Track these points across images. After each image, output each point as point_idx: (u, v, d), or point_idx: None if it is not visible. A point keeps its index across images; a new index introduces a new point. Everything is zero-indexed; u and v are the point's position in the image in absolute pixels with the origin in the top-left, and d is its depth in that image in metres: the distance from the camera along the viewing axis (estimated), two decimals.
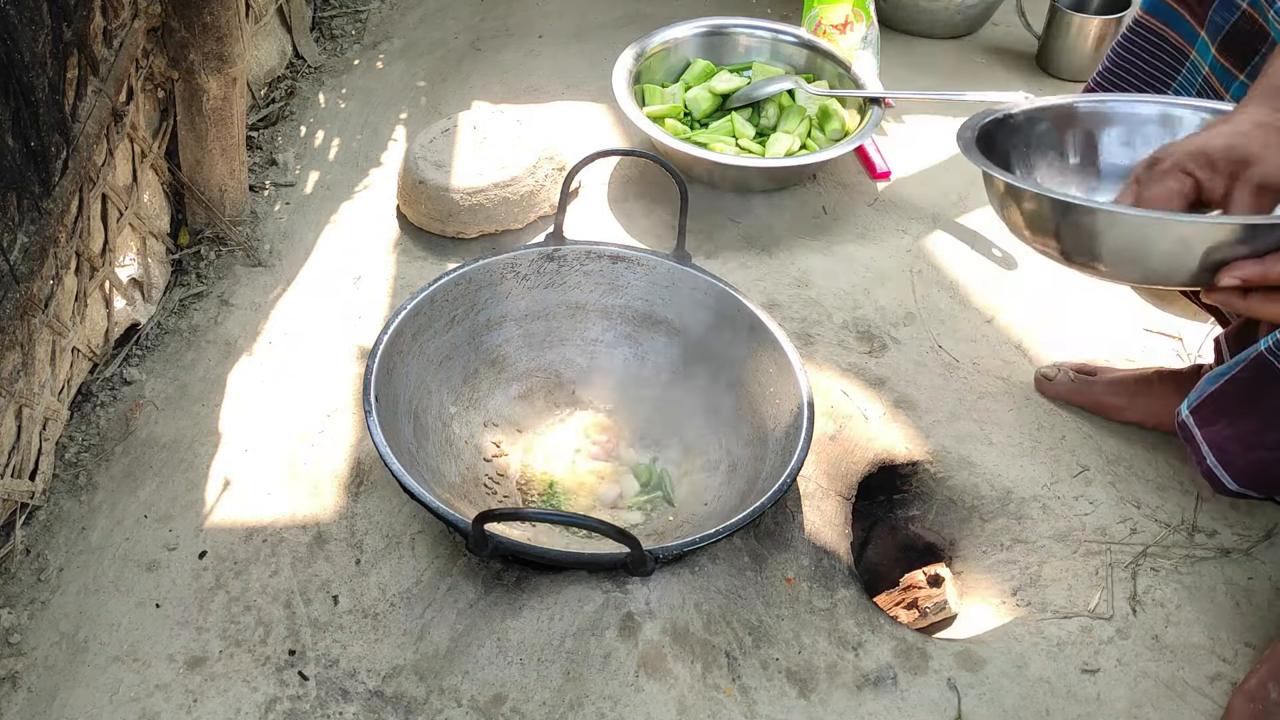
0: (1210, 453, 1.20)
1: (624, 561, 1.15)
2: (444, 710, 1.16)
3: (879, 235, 1.84)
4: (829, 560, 1.32)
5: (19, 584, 1.28)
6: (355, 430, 1.45)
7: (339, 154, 1.99)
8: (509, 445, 1.45)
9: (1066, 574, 1.33)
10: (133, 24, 1.44)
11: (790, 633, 1.24)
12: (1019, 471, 1.44)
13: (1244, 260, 0.86)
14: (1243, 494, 1.22)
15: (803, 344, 1.59)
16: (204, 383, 1.53)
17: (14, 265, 1.18)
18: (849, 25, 2.04)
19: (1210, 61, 1.17)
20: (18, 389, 1.24)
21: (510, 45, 2.30)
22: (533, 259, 1.48)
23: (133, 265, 1.55)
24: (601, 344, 1.53)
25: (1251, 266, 0.85)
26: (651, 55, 2.00)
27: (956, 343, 1.64)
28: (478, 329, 1.47)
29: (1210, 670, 1.24)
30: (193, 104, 1.62)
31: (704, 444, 1.44)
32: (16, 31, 1.11)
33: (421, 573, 1.27)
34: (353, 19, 2.37)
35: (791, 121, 1.91)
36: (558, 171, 1.81)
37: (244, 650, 1.21)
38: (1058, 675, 1.23)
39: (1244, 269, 0.85)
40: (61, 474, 1.40)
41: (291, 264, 1.73)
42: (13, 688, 1.18)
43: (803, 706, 1.18)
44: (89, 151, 1.33)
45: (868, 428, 1.47)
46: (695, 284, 1.48)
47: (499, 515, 1.09)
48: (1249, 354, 1.15)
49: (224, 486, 1.39)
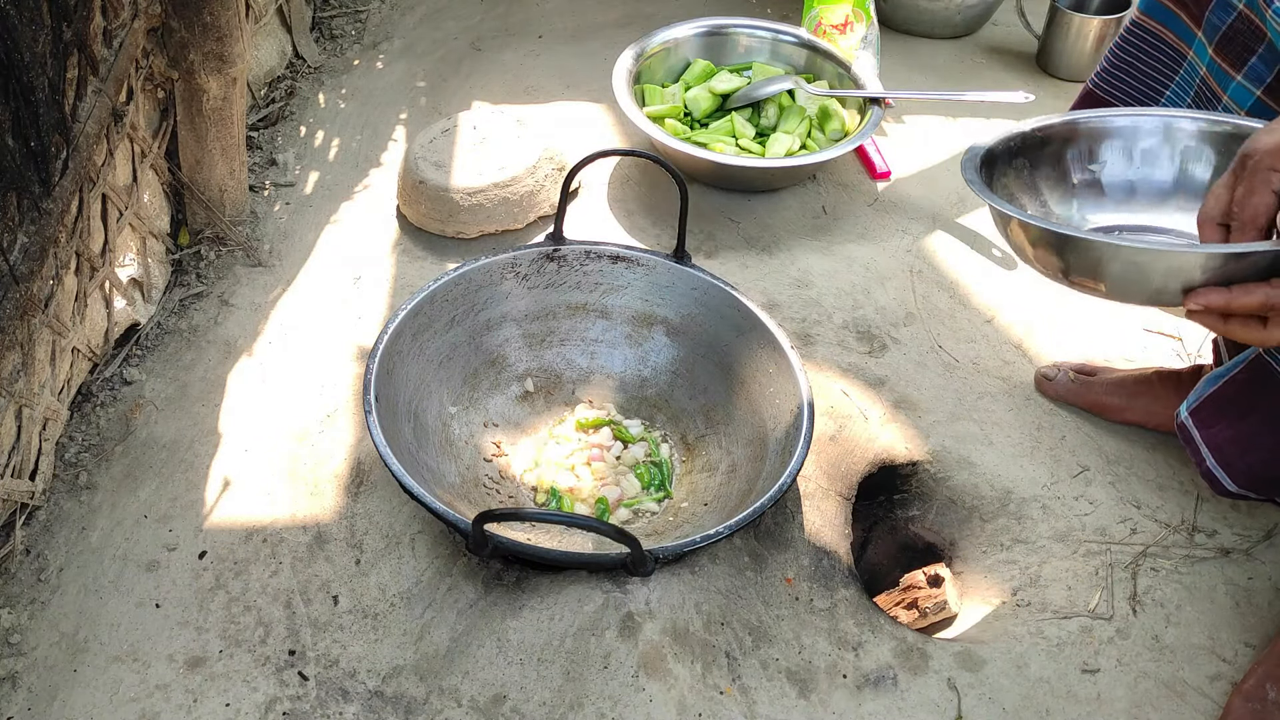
0: (1210, 454, 1.20)
1: (624, 561, 1.15)
2: (444, 710, 1.16)
3: (879, 235, 1.84)
4: (829, 560, 1.32)
5: (19, 584, 1.28)
6: (355, 430, 1.45)
7: (339, 154, 1.99)
8: (509, 445, 1.45)
9: (1066, 574, 1.33)
10: (133, 24, 1.44)
11: (790, 633, 1.24)
12: (1019, 471, 1.44)
13: (1208, 289, 0.87)
14: (1243, 495, 1.22)
15: (803, 344, 1.59)
16: (204, 383, 1.53)
17: (14, 265, 1.18)
18: (849, 25, 2.04)
19: (1207, 62, 1.17)
20: (18, 389, 1.24)
21: (510, 45, 2.30)
22: (533, 259, 1.48)
23: (133, 265, 1.55)
24: (601, 344, 1.53)
25: (1215, 295, 0.87)
26: (651, 55, 2.00)
27: (956, 343, 1.64)
28: (478, 329, 1.47)
29: (1210, 670, 1.24)
30: (193, 104, 1.62)
31: (704, 444, 1.44)
32: (16, 31, 1.11)
33: (421, 573, 1.27)
34: (353, 19, 2.37)
35: (791, 121, 1.91)
36: (558, 171, 1.81)
37: (244, 650, 1.21)
38: (1058, 675, 1.23)
39: (1206, 297, 0.87)
40: (61, 474, 1.40)
41: (291, 264, 1.73)
42: (13, 688, 1.18)
43: (803, 707, 1.18)
44: (89, 151, 1.33)
45: (868, 428, 1.47)
46: (695, 284, 1.48)
47: (499, 515, 1.09)
48: (1247, 356, 1.15)
49: (224, 486, 1.39)
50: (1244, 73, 1.11)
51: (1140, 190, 1.15)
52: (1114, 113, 1.17)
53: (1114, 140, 1.16)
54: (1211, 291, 0.87)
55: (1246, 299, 0.86)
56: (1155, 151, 1.15)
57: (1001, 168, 1.15)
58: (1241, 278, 0.87)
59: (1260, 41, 1.09)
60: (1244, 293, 0.86)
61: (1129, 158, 1.16)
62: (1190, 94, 1.23)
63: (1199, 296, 0.88)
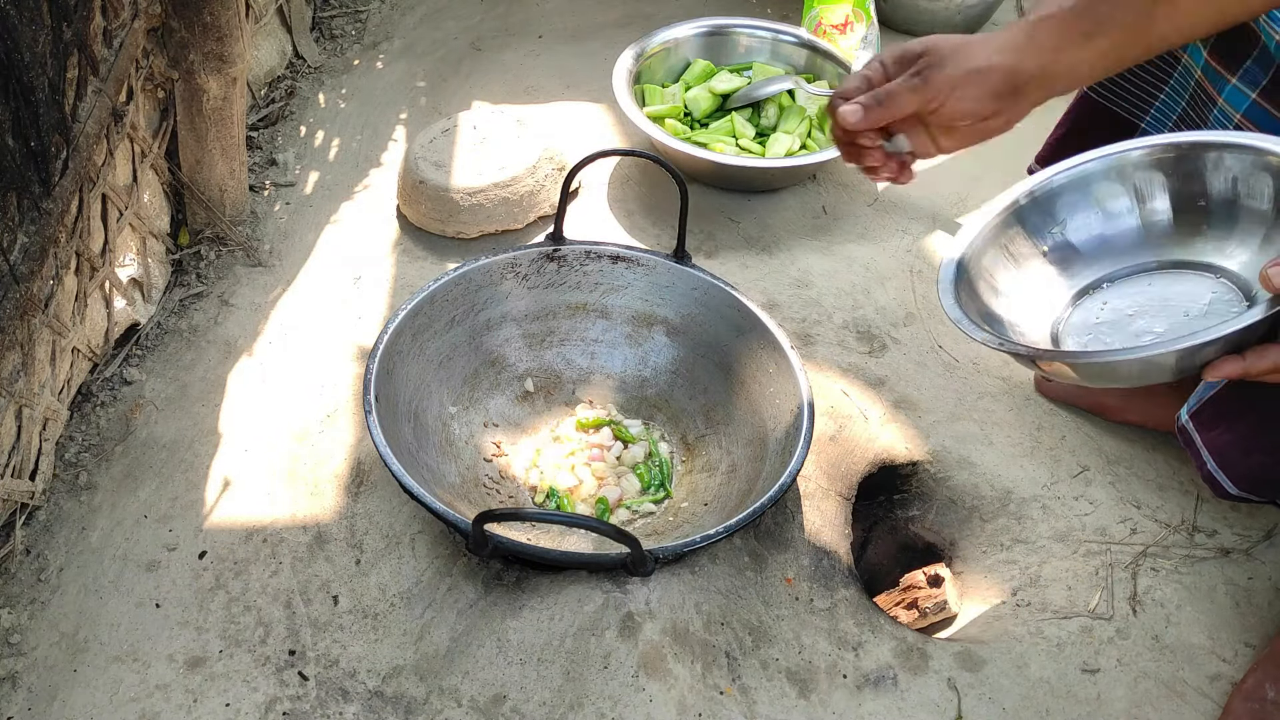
0: (1210, 457, 1.20)
1: (624, 561, 1.15)
2: (444, 710, 1.16)
3: (879, 235, 1.84)
4: (829, 560, 1.32)
5: (19, 584, 1.28)
6: (355, 430, 1.45)
7: (339, 154, 1.99)
8: (509, 445, 1.45)
9: (1066, 574, 1.33)
10: (133, 24, 1.44)
11: (790, 633, 1.24)
12: (1019, 472, 1.44)
13: (1223, 361, 0.92)
14: (1244, 498, 1.22)
15: (803, 344, 1.59)
16: (204, 383, 1.53)
17: (14, 265, 1.18)
18: (849, 25, 2.04)
19: (1202, 65, 1.17)
20: (18, 389, 1.24)
21: (510, 45, 2.30)
22: (533, 259, 1.48)
23: (133, 265, 1.55)
24: (601, 344, 1.53)
25: (1231, 366, 0.92)
26: (651, 55, 2.00)
27: (956, 343, 1.64)
28: (478, 329, 1.47)
29: (1210, 670, 1.24)
30: (193, 104, 1.62)
31: (704, 444, 1.44)
32: (16, 31, 1.11)
33: (421, 573, 1.27)
34: (353, 19, 2.37)
35: (791, 121, 1.91)
36: (558, 171, 1.81)
37: (244, 650, 1.21)
38: (1058, 675, 1.23)
39: (1224, 368, 0.93)
40: (61, 474, 1.40)
41: (291, 264, 1.73)
42: (13, 688, 1.18)
43: (803, 707, 1.18)
44: (89, 151, 1.33)
45: (868, 428, 1.47)
46: (695, 284, 1.48)
47: (499, 515, 1.09)
48: None
49: (224, 486, 1.39)
50: (1239, 76, 1.12)
51: (1111, 238, 1.17)
52: (1057, 171, 1.18)
53: (1067, 196, 1.17)
54: (1225, 364, 0.92)
55: (1261, 364, 0.91)
56: (1111, 194, 1.16)
57: (976, 258, 1.16)
58: (1245, 342, 0.92)
59: (1255, 44, 1.09)
60: (1258, 358, 0.91)
61: (1089, 208, 1.17)
62: (1185, 97, 1.22)
63: (1216, 370, 0.93)
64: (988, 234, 1.17)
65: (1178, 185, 1.12)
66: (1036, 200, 1.17)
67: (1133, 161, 1.14)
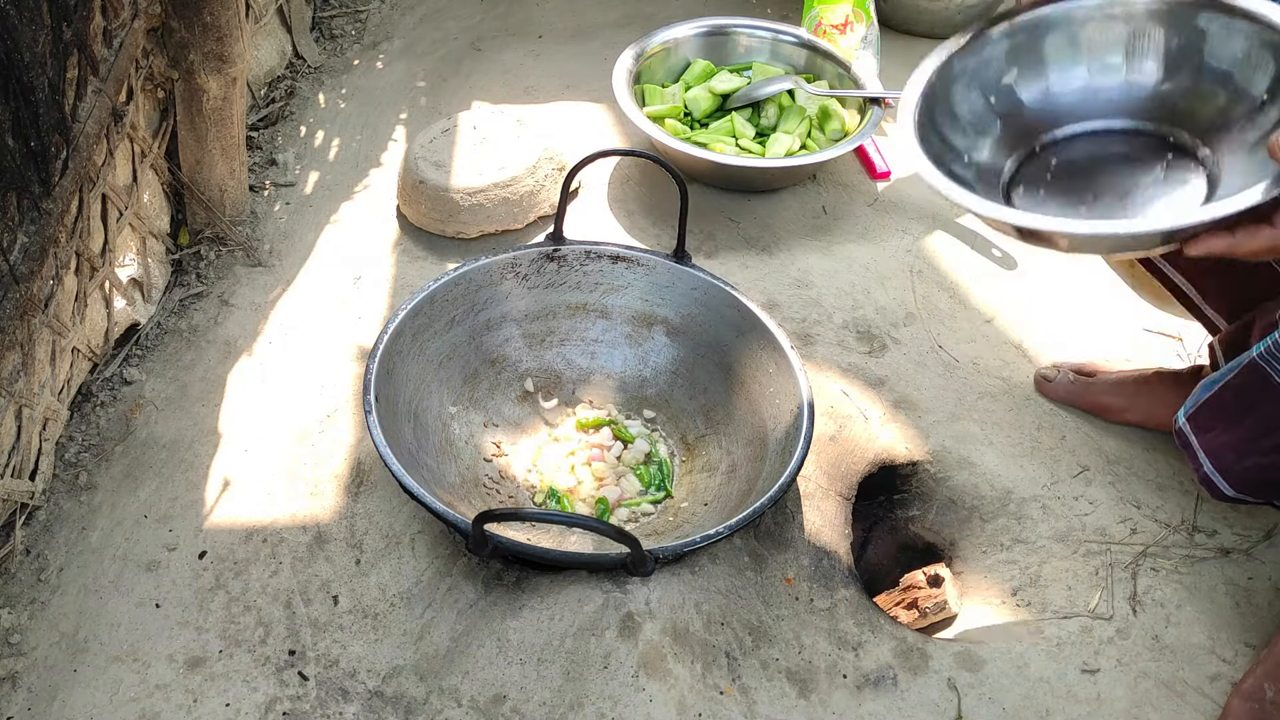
0: (1207, 460, 1.20)
1: (624, 561, 1.15)
2: (444, 710, 1.16)
3: (879, 235, 1.83)
4: (829, 560, 1.32)
5: (19, 584, 1.28)
6: (355, 430, 1.45)
7: (339, 154, 1.99)
8: (509, 445, 1.45)
9: (1066, 574, 1.33)
10: (133, 24, 1.44)
11: (790, 633, 1.24)
12: (1019, 472, 1.44)
13: (1211, 235, 0.89)
14: (1240, 500, 1.22)
15: (803, 344, 1.59)
16: (204, 383, 1.53)
17: (14, 265, 1.18)
18: (849, 25, 2.04)
19: None
20: (18, 389, 1.24)
21: (510, 45, 2.30)
22: (533, 259, 1.48)
23: (133, 265, 1.55)
24: (601, 344, 1.53)
25: (1219, 241, 0.90)
26: (651, 55, 2.00)
27: (956, 343, 1.64)
28: (478, 329, 1.47)
29: (1210, 670, 1.24)
30: (193, 104, 1.62)
31: (704, 444, 1.45)
32: (16, 31, 1.11)
33: (421, 573, 1.27)
34: (353, 19, 2.37)
35: (791, 121, 1.91)
36: (558, 171, 1.81)
37: (244, 650, 1.21)
38: (1058, 675, 1.23)
39: (1211, 243, 0.90)
40: (61, 474, 1.40)
41: (291, 264, 1.73)
42: (13, 688, 1.19)
43: (803, 707, 1.18)
44: (89, 151, 1.33)
45: (868, 428, 1.47)
46: (695, 284, 1.48)
47: (499, 515, 1.09)
48: (1242, 360, 1.15)
49: (224, 486, 1.39)
50: None
51: (1097, 89, 1.11)
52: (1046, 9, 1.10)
53: (1055, 32, 1.10)
54: (1212, 239, 0.90)
55: (1251, 243, 0.89)
56: (1097, 38, 1.09)
57: (943, 101, 1.10)
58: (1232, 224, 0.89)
59: None
60: (1249, 236, 0.89)
61: (1075, 50, 1.10)
62: None
63: (1202, 245, 0.90)
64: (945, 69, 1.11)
65: (1177, 44, 1.05)
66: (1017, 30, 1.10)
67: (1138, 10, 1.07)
